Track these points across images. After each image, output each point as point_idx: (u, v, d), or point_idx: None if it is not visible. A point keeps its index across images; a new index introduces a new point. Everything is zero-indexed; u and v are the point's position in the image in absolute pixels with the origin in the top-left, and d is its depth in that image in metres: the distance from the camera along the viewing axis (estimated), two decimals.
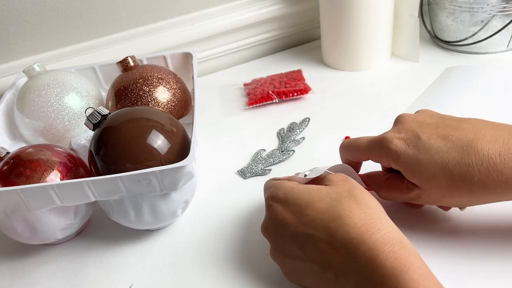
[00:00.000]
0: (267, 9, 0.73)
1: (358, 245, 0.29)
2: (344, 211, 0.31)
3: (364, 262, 0.29)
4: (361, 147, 0.39)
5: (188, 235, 0.44)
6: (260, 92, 0.63)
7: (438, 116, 0.37)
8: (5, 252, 0.44)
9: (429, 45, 0.72)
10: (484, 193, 0.33)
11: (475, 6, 0.62)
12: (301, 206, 0.33)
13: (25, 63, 0.62)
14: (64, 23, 0.63)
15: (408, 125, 0.37)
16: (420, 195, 0.36)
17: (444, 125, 0.36)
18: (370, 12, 0.62)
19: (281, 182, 0.37)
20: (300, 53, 0.76)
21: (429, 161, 0.34)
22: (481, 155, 0.33)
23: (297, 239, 0.33)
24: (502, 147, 0.32)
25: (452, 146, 0.34)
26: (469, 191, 0.34)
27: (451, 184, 0.34)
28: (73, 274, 0.41)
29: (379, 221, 0.31)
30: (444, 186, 0.34)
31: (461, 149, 0.33)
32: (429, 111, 0.39)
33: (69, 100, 0.50)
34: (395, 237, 0.29)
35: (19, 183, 0.38)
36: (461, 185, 0.33)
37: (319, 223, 0.32)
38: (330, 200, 0.33)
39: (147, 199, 0.39)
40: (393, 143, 0.36)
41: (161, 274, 0.40)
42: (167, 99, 0.50)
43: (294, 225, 0.33)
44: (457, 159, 0.33)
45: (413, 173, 0.35)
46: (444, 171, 0.34)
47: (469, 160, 0.33)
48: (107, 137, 0.39)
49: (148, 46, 0.67)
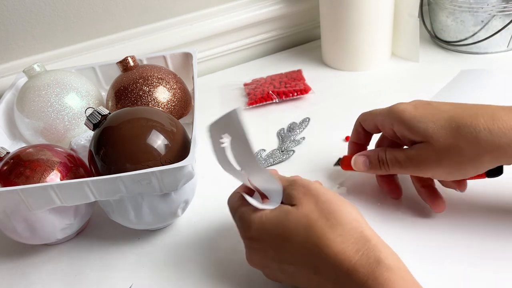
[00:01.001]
0: (267, 9, 0.73)
1: (341, 272, 0.31)
2: (320, 240, 0.32)
3: (352, 285, 0.30)
4: (373, 113, 0.42)
5: (188, 235, 0.44)
6: (260, 92, 0.63)
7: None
8: (5, 252, 0.44)
9: (429, 45, 0.72)
10: (490, 145, 0.34)
11: (475, 6, 0.62)
12: (278, 241, 0.34)
13: (25, 63, 0.62)
14: (64, 23, 0.63)
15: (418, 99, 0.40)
16: (421, 153, 0.37)
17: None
18: (370, 12, 0.62)
19: (249, 218, 0.35)
20: (300, 53, 0.76)
21: (436, 115, 0.37)
22: (486, 108, 0.36)
23: (284, 271, 0.34)
24: (503, 109, 0.35)
25: (459, 106, 0.37)
26: (474, 141, 0.35)
27: (457, 133, 0.35)
28: (73, 274, 0.41)
29: (355, 242, 0.31)
30: (449, 137, 0.35)
31: (467, 106, 0.37)
32: None
33: (69, 100, 0.50)
34: (372, 256, 0.30)
35: (19, 183, 0.38)
36: (467, 134, 0.35)
37: (300, 259, 0.33)
38: (304, 229, 0.33)
39: (147, 199, 0.39)
40: (402, 105, 0.39)
41: (161, 274, 0.40)
42: (167, 99, 0.50)
43: (277, 261, 0.34)
44: (464, 113, 0.36)
45: (420, 125, 0.37)
46: (451, 122, 0.36)
47: (476, 110, 0.36)
48: (107, 137, 0.39)
49: (148, 46, 0.67)
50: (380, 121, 0.41)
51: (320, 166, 0.50)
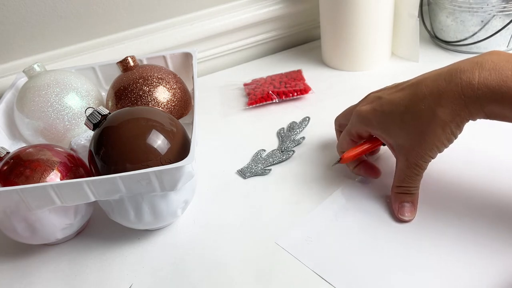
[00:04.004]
0: (267, 9, 0.73)
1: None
2: None
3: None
4: (345, 130, 0.45)
5: (188, 235, 0.44)
6: (260, 92, 0.63)
7: (399, 83, 0.42)
8: (5, 252, 0.44)
9: (429, 45, 0.72)
10: None
11: (475, 6, 0.62)
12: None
13: (25, 63, 0.62)
14: (64, 23, 0.63)
15: (369, 96, 0.45)
16: (401, 156, 0.41)
17: (401, 84, 0.41)
18: (370, 12, 0.62)
19: None
20: (300, 53, 0.76)
21: (392, 111, 0.40)
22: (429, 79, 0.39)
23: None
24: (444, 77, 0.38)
25: (408, 92, 0.39)
26: (433, 113, 0.37)
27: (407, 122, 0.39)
28: (73, 274, 0.41)
29: None
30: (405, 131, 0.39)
31: (414, 85, 0.39)
32: None
33: (69, 100, 0.50)
34: None
35: (19, 183, 0.38)
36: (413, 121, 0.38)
37: None
38: None
39: (147, 199, 0.39)
40: (361, 110, 0.43)
41: (161, 274, 0.40)
42: (167, 99, 0.50)
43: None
44: (411, 96, 0.39)
45: (382, 123, 0.41)
46: (410, 114, 0.39)
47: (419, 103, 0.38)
48: (107, 137, 0.39)
49: (148, 46, 0.67)
50: (356, 131, 0.44)
51: (320, 166, 0.50)
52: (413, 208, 0.42)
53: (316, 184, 0.47)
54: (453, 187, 0.44)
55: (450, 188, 0.44)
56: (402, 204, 0.42)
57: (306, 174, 0.49)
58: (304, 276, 0.38)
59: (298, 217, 0.43)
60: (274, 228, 0.43)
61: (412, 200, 0.42)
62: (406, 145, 0.40)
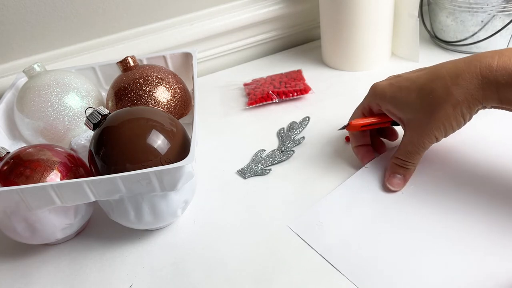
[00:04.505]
0: (267, 9, 0.73)
1: None
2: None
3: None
4: (359, 106, 0.48)
5: (188, 235, 0.44)
6: (260, 92, 0.63)
7: (420, 68, 0.44)
8: (5, 252, 0.44)
9: (429, 45, 0.72)
10: None
11: (475, 6, 0.62)
12: None
13: (25, 63, 0.62)
14: (64, 23, 0.63)
15: (389, 76, 0.46)
16: (411, 132, 0.42)
17: (423, 68, 0.43)
18: (370, 12, 0.62)
19: None
20: (300, 53, 0.76)
21: (408, 86, 0.42)
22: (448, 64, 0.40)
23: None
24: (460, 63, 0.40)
25: (427, 71, 0.41)
26: (447, 98, 0.39)
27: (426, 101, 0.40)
28: (73, 274, 0.41)
29: None
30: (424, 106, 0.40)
31: (434, 67, 0.41)
32: None
33: (69, 100, 0.50)
34: None
35: (19, 183, 0.38)
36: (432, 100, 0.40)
37: None
38: None
39: (147, 199, 0.39)
40: (377, 84, 0.45)
41: (161, 274, 0.40)
42: (167, 99, 0.50)
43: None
44: (429, 75, 0.41)
45: (395, 98, 0.42)
46: (424, 91, 0.40)
47: (435, 81, 0.40)
48: (107, 137, 0.39)
49: (148, 46, 0.67)
50: (368, 103, 0.46)
51: (320, 165, 0.50)
52: (403, 181, 0.44)
53: (316, 184, 0.47)
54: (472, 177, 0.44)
55: (467, 178, 0.44)
56: (394, 175, 0.44)
57: (306, 174, 0.49)
58: (305, 275, 0.38)
59: (298, 217, 0.43)
60: (274, 228, 0.43)
61: (405, 174, 0.44)
62: (415, 120, 0.41)
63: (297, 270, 0.38)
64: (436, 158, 0.47)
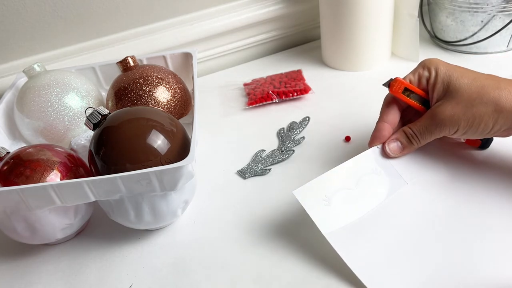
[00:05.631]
0: (267, 9, 0.73)
1: None
2: None
3: None
4: (410, 74, 0.45)
5: (188, 235, 0.44)
6: (260, 92, 0.63)
7: None
8: (5, 252, 0.44)
9: (429, 45, 0.72)
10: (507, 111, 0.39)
11: (475, 6, 0.62)
12: None
13: (25, 63, 0.62)
14: (64, 23, 0.63)
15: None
16: (443, 110, 0.41)
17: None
18: (370, 12, 0.62)
19: None
20: (300, 53, 0.76)
21: (465, 73, 0.41)
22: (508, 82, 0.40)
23: None
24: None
25: (485, 76, 0.41)
26: (495, 102, 0.39)
27: (481, 90, 0.39)
28: (73, 274, 0.41)
29: None
30: (474, 93, 0.40)
31: (493, 77, 0.41)
32: None
33: (69, 100, 0.50)
34: None
35: (19, 183, 0.38)
36: (488, 101, 0.39)
37: None
38: None
39: (147, 199, 0.39)
40: (441, 61, 0.43)
41: (161, 274, 0.40)
42: (167, 99, 0.50)
43: None
44: (489, 81, 0.40)
45: (449, 80, 0.41)
46: (477, 82, 0.40)
47: (500, 83, 0.39)
48: (107, 137, 0.39)
49: (148, 46, 0.67)
50: (414, 75, 0.45)
51: (320, 166, 0.50)
52: (401, 152, 0.44)
53: None
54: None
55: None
56: (396, 141, 0.44)
57: (306, 174, 0.49)
58: (305, 275, 0.38)
59: (298, 216, 0.43)
60: (274, 228, 0.43)
61: (406, 146, 0.44)
62: (456, 96, 0.41)
63: (298, 270, 0.38)
64: (449, 152, 0.47)
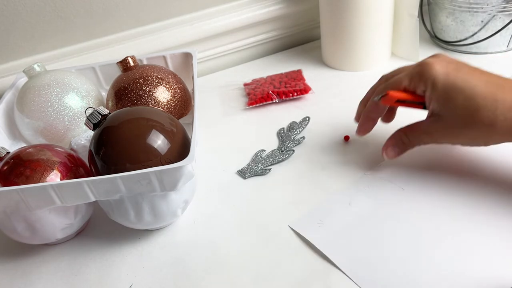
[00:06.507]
0: (267, 9, 0.73)
1: None
2: None
3: None
4: (402, 76, 0.43)
5: (188, 235, 0.44)
6: (260, 92, 0.63)
7: None
8: (5, 252, 0.44)
9: (429, 45, 0.72)
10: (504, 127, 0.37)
11: (475, 6, 0.62)
12: None
13: (25, 63, 0.62)
14: (64, 23, 0.63)
15: (443, 56, 0.43)
16: (438, 126, 0.41)
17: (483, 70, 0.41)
18: (370, 12, 0.62)
19: None
20: (300, 53, 0.76)
21: (463, 88, 0.39)
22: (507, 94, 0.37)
23: None
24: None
25: (488, 80, 0.39)
26: (490, 125, 0.38)
27: (476, 114, 0.38)
28: (73, 274, 0.41)
29: None
30: (467, 117, 0.39)
31: (492, 85, 0.38)
32: None
33: (69, 100, 0.50)
34: None
35: (19, 183, 0.38)
36: (484, 118, 0.38)
37: None
38: None
39: (147, 199, 0.39)
40: (436, 69, 0.41)
41: (161, 274, 0.40)
42: (167, 99, 0.50)
43: None
44: (485, 102, 0.38)
45: (444, 98, 0.40)
46: (473, 103, 0.38)
47: (498, 95, 0.37)
48: (107, 137, 0.39)
49: (148, 46, 0.67)
50: (413, 83, 0.43)
51: (320, 165, 0.50)
52: (397, 155, 0.45)
53: (316, 184, 0.47)
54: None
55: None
56: (393, 148, 0.45)
57: (306, 174, 0.49)
58: (305, 275, 0.38)
59: (298, 216, 0.43)
60: (274, 228, 0.43)
61: (402, 151, 0.45)
62: (448, 119, 0.40)
63: (298, 270, 0.38)
64: (440, 156, 0.47)
